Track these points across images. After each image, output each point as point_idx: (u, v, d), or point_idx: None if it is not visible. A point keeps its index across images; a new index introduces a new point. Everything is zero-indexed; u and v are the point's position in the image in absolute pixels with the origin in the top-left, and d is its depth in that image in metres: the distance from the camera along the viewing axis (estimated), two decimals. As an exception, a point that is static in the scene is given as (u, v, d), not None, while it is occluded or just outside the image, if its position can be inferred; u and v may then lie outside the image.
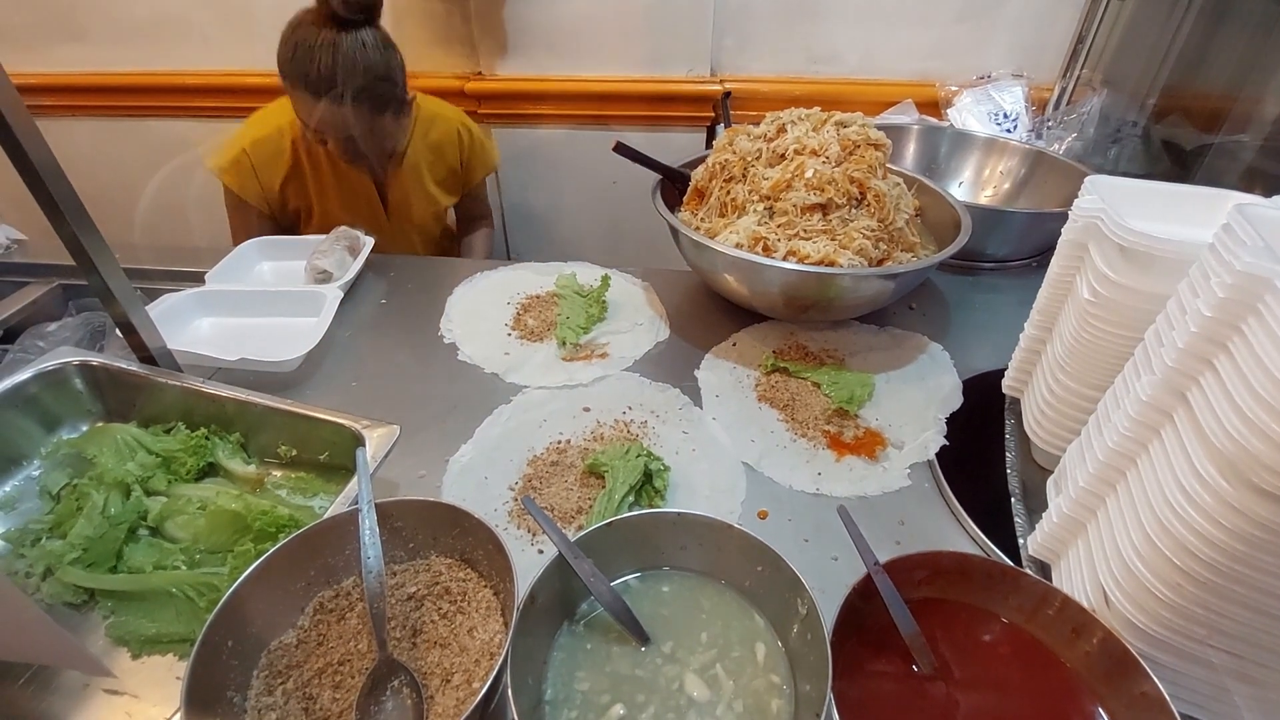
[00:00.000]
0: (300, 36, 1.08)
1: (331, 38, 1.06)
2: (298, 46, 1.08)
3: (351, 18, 1.07)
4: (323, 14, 1.07)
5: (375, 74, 1.11)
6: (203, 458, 0.74)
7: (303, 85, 1.10)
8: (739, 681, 0.52)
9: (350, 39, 1.07)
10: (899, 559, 0.54)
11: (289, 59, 1.10)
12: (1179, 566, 0.45)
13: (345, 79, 1.07)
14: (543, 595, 0.53)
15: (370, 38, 1.10)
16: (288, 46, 1.10)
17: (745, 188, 0.92)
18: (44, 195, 0.66)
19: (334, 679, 0.54)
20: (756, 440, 0.81)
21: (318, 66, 1.06)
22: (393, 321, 1.02)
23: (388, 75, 1.14)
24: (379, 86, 1.13)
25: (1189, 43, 1.37)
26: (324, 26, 1.06)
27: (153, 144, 1.83)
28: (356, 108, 1.12)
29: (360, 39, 1.08)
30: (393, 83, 1.16)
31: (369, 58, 1.09)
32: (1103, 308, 0.63)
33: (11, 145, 0.63)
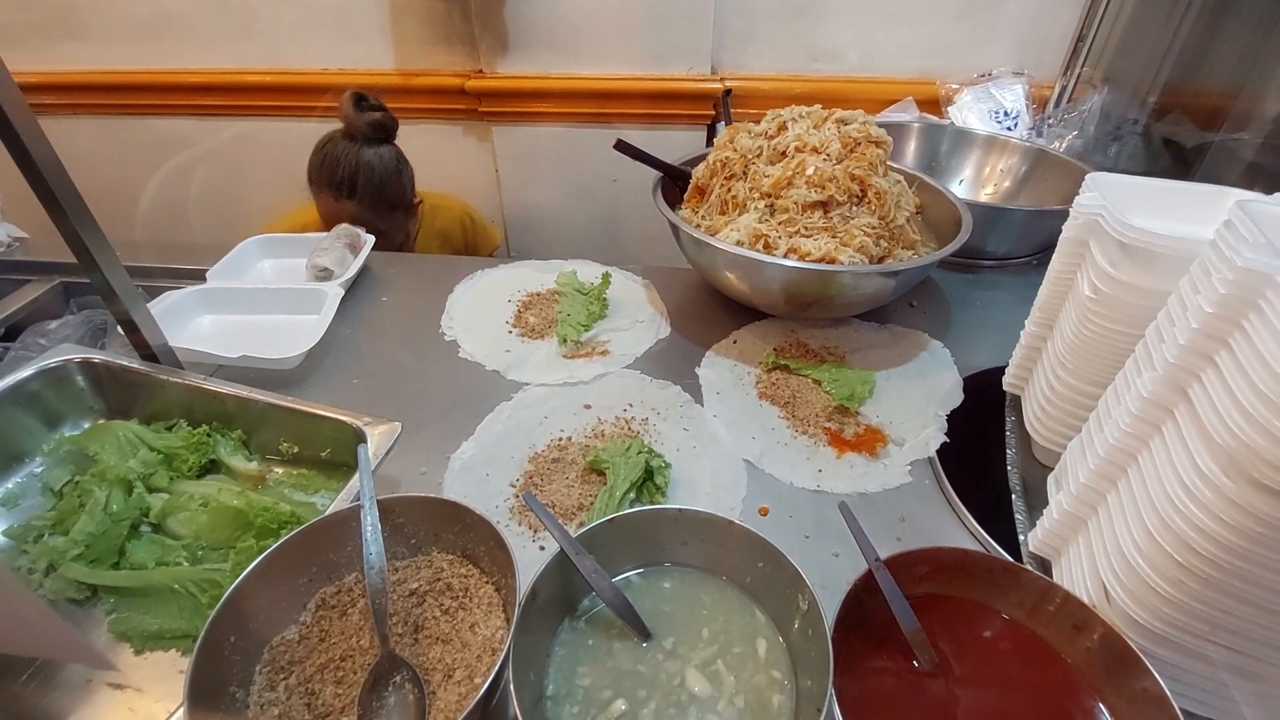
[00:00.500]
0: (329, 149, 1.31)
1: (355, 151, 1.30)
2: (326, 156, 1.31)
3: (373, 136, 1.31)
4: (348, 133, 1.31)
5: (388, 182, 1.34)
6: (204, 455, 0.74)
7: (328, 187, 1.31)
8: (740, 677, 0.52)
9: (371, 153, 1.31)
10: (900, 555, 0.54)
11: (318, 166, 1.31)
12: (1180, 562, 0.45)
13: (363, 184, 1.30)
14: (544, 591, 0.53)
15: (387, 153, 1.34)
16: (318, 156, 1.32)
17: (746, 185, 0.92)
18: (46, 193, 0.66)
19: (336, 674, 0.54)
20: (757, 437, 0.81)
21: (342, 173, 1.29)
22: (394, 319, 1.02)
23: (398, 183, 1.37)
24: (390, 192, 1.35)
25: (1189, 41, 1.37)
26: (349, 142, 1.30)
27: (153, 142, 1.83)
28: (373, 207, 1.32)
29: (379, 153, 1.32)
30: (402, 189, 1.39)
31: (385, 168, 1.33)
32: (1104, 304, 0.63)
33: (14, 143, 0.63)
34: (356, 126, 1.29)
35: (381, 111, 1.32)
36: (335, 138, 1.32)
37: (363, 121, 1.29)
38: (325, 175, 1.30)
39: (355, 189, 1.29)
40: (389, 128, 1.34)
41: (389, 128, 1.34)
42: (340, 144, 1.30)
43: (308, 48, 1.67)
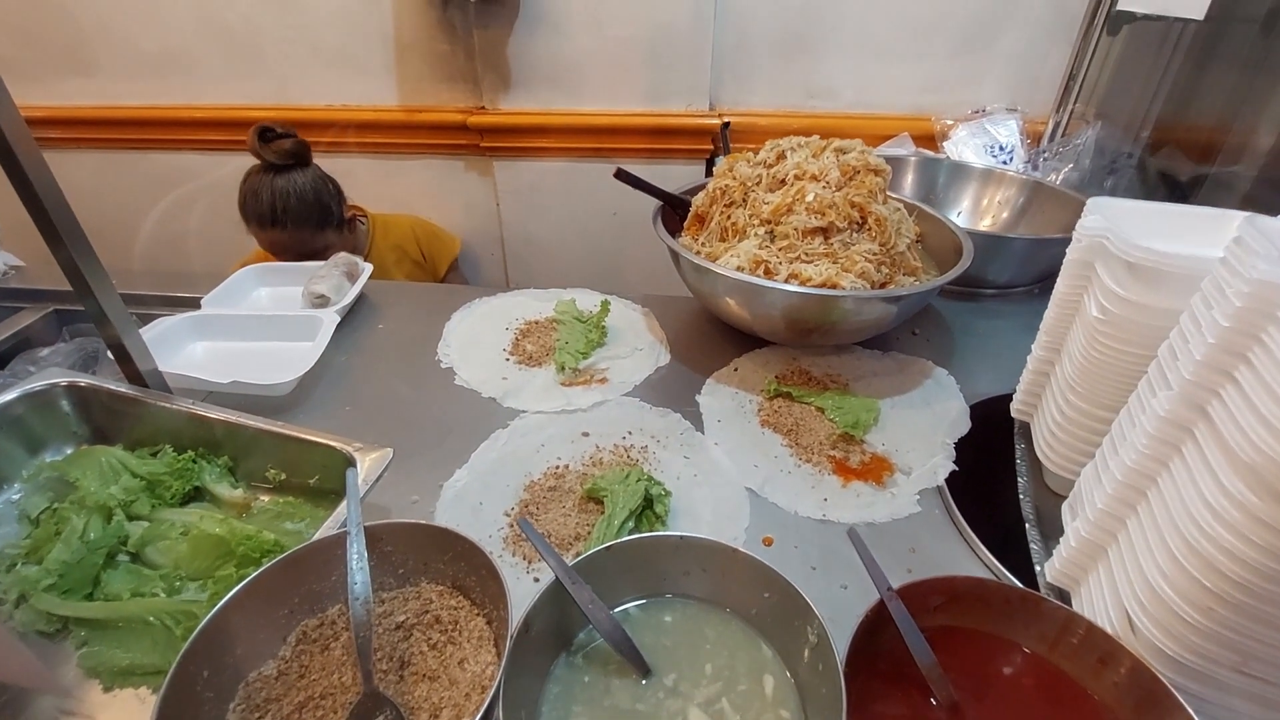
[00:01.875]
0: (248, 185, 1.36)
1: (270, 180, 1.34)
2: (247, 191, 1.35)
3: (282, 164, 1.35)
4: (261, 166, 1.36)
5: (307, 202, 1.36)
6: (189, 481, 0.71)
7: (254, 221, 1.36)
8: (746, 716, 0.49)
9: (283, 180, 1.35)
10: (913, 584, 0.51)
11: (242, 204, 1.36)
12: (1208, 588, 0.43)
13: (283, 210, 1.34)
14: (538, 623, 0.50)
15: (300, 177, 1.37)
16: (240, 194, 1.36)
17: (746, 212, 0.92)
18: (43, 219, 0.66)
19: (315, 713, 0.51)
20: (760, 466, 0.78)
21: (264, 204, 1.34)
22: (390, 346, 1.01)
23: (320, 203, 1.39)
24: (314, 211, 1.38)
25: (1179, 78, 1.39)
26: (264, 174, 1.35)
27: (154, 176, 1.85)
28: (298, 231, 1.36)
29: (292, 179, 1.35)
30: (326, 208, 1.41)
31: (301, 191, 1.36)
32: (1112, 325, 0.62)
33: (15, 172, 0.63)
34: (265, 158, 1.34)
35: (290, 138, 1.36)
36: (253, 172, 1.37)
37: (270, 152, 1.33)
38: (250, 209, 1.35)
39: (277, 216, 1.33)
40: (298, 153, 1.37)
41: (298, 153, 1.37)
42: (258, 177, 1.35)
43: (313, 85, 1.70)
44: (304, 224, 1.36)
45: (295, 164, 1.37)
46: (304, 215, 1.36)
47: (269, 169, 1.35)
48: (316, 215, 1.38)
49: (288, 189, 1.34)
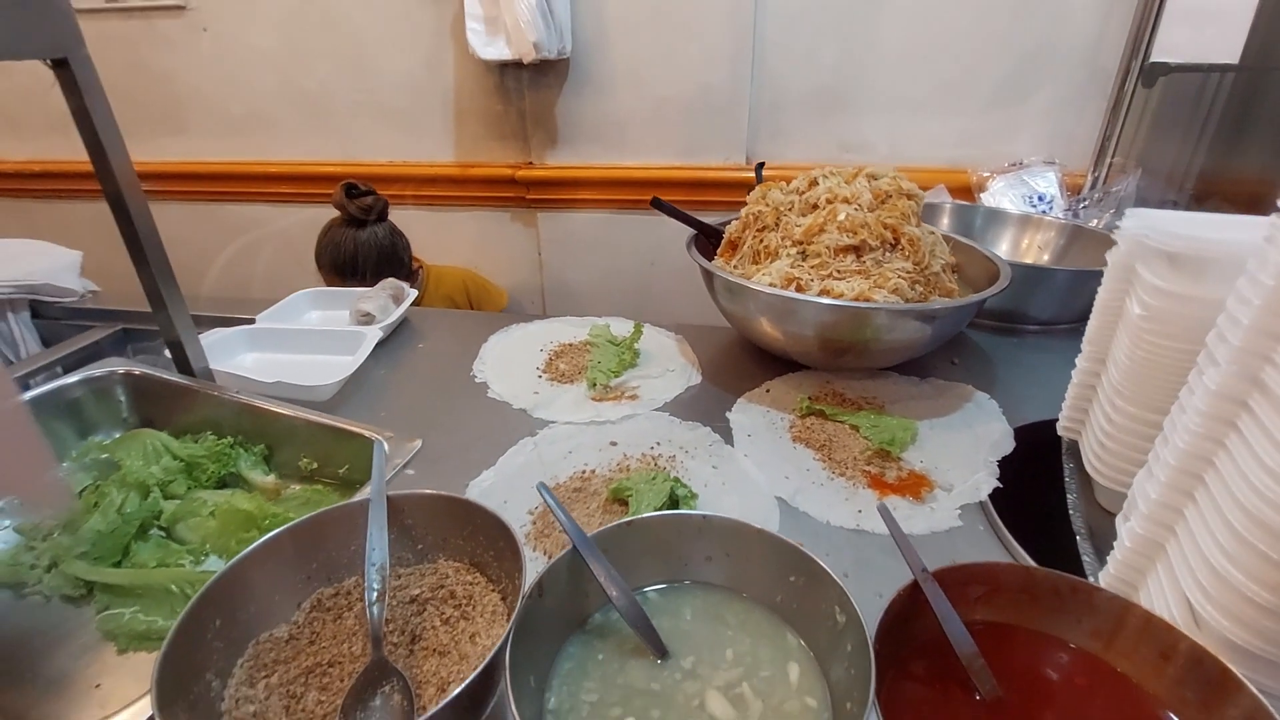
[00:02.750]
0: (330, 235, 1.49)
1: (352, 234, 1.47)
2: (329, 243, 1.48)
3: (365, 219, 1.48)
4: (343, 220, 1.49)
5: (385, 255, 1.50)
6: (225, 465, 0.73)
7: (333, 270, 1.48)
8: (769, 702, 0.46)
9: (366, 233, 1.48)
10: (951, 568, 0.48)
11: (320, 254, 1.49)
12: (1277, 561, 0.39)
13: (363, 259, 1.47)
14: (552, 593, 0.49)
15: (381, 230, 1.51)
16: (321, 243, 1.49)
17: (778, 235, 0.94)
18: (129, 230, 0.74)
19: (321, 680, 0.50)
20: (791, 477, 0.76)
21: (344, 255, 1.46)
22: (428, 363, 1.04)
23: (394, 254, 1.53)
24: (390, 262, 1.51)
25: (1221, 129, 1.39)
26: (346, 227, 1.48)
27: (229, 225, 1.99)
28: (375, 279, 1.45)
29: (373, 232, 1.49)
30: (399, 259, 1.54)
31: (380, 245, 1.50)
32: (1156, 321, 0.60)
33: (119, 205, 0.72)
34: (349, 212, 1.45)
35: (371, 195, 1.48)
36: (334, 224, 1.49)
37: (354, 207, 1.45)
38: (329, 259, 1.46)
39: (357, 267, 1.44)
40: (378, 209, 1.49)
41: (378, 209, 1.49)
42: (338, 230, 1.47)
43: (378, 142, 1.84)
44: (380, 275, 1.45)
45: (375, 219, 1.50)
46: (381, 267, 1.48)
47: (350, 223, 1.47)
48: (391, 267, 1.50)
49: (370, 242, 1.48)
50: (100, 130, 0.68)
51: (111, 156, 0.69)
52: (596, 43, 1.61)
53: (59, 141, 1.98)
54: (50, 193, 2.07)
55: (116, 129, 0.72)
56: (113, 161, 0.69)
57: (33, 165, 2.03)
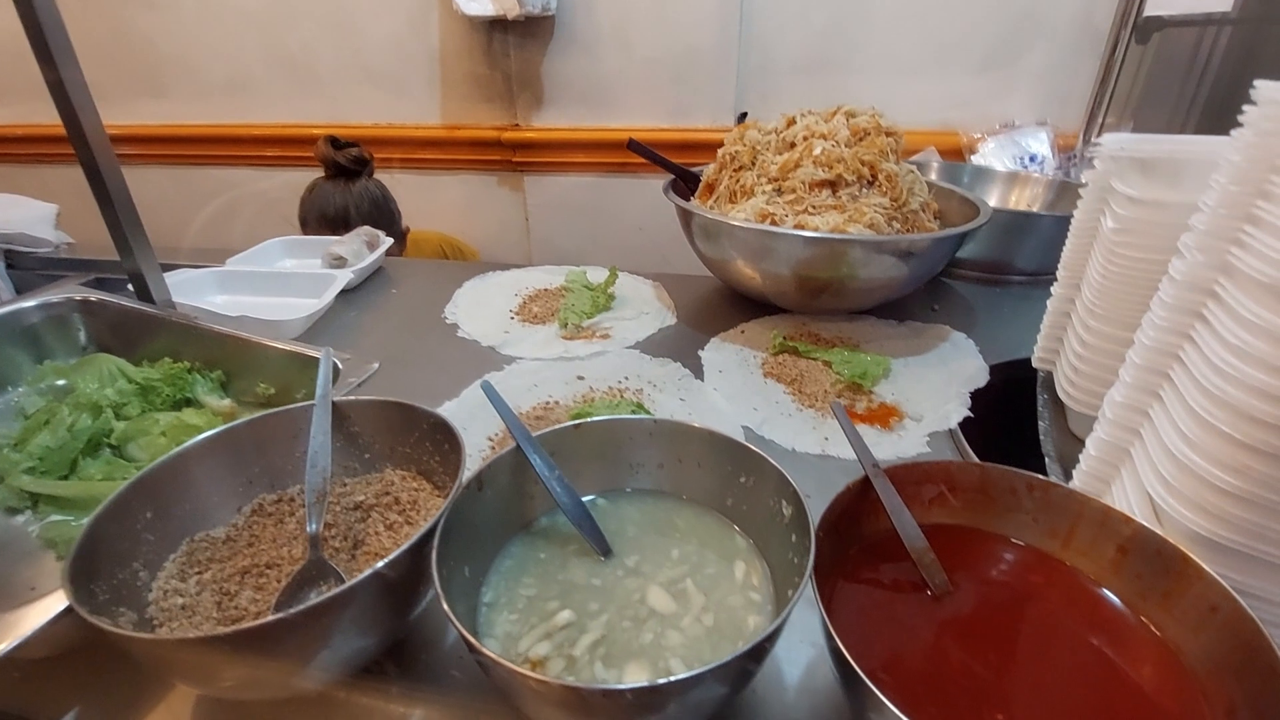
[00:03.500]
0: (317, 191, 1.42)
1: (343, 186, 1.40)
2: (317, 198, 1.41)
3: (353, 169, 1.41)
4: (329, 173, 1.42)
5: (379, 206, 1.43)
6: (181, 390, 0.72)
7: (323, 223, 1.40)
8: (712, 596, 0.44)
9: (358, 186, 1.42)
10: (904, 465, 0.47)
11: (311, 207, 1.42)
12: (1242, 441, 0.38)
13: (355, 209, 1.40)
14: (493, 488, 0.47)
15: (372, 184, 1.45)
16: (308, 199, 1.42)
17: (755, 174, 0.92)
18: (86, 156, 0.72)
19: (258, 581, 0.48)
20: (760, 409, 0.75)
21: (333, 204, 1.39)
22: (400, 307, 1.02)
23: (387, 209, 1.46)
24: (382, 215, 1.44)
25: (1217, 84, 1.36)
26: (333, 181, 1.41)
27: (209, 190, 1.97)
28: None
29: (364, 185, 1.43)
30: (392, 216, 1.48)
31: (373, 197, 1.43)
32: (1128, 233, 0.58)
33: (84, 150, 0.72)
34: (338, 163, 1.39)
35: (357, 147, 1.43)
36: (319, 182, 1.43)
37: (343, 157, 1.39)
38: (318, 211, 1.39)
39: (350, 219, 1.37)
40: (366, 160, 1.44)
41: (366, 160, 1.44)
42: (326, 185, 1.41)
43: (362, 104, 1.81)
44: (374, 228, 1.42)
45: (363, 171, 1.45)
46: (375, 219, 1.42)
47: (338, 176, 1.42)
48: (385, 221, 1.45)
49: (362, 194, 1.42)
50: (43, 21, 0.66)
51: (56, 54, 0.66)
52: (582, 1, 1.59)
53: (40, 106, 1.96)
54: (33, 157, 2.04)
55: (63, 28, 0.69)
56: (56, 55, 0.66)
57: (15, 129, 2.01)
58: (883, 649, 0.39)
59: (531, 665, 0.40)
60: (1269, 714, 0.33)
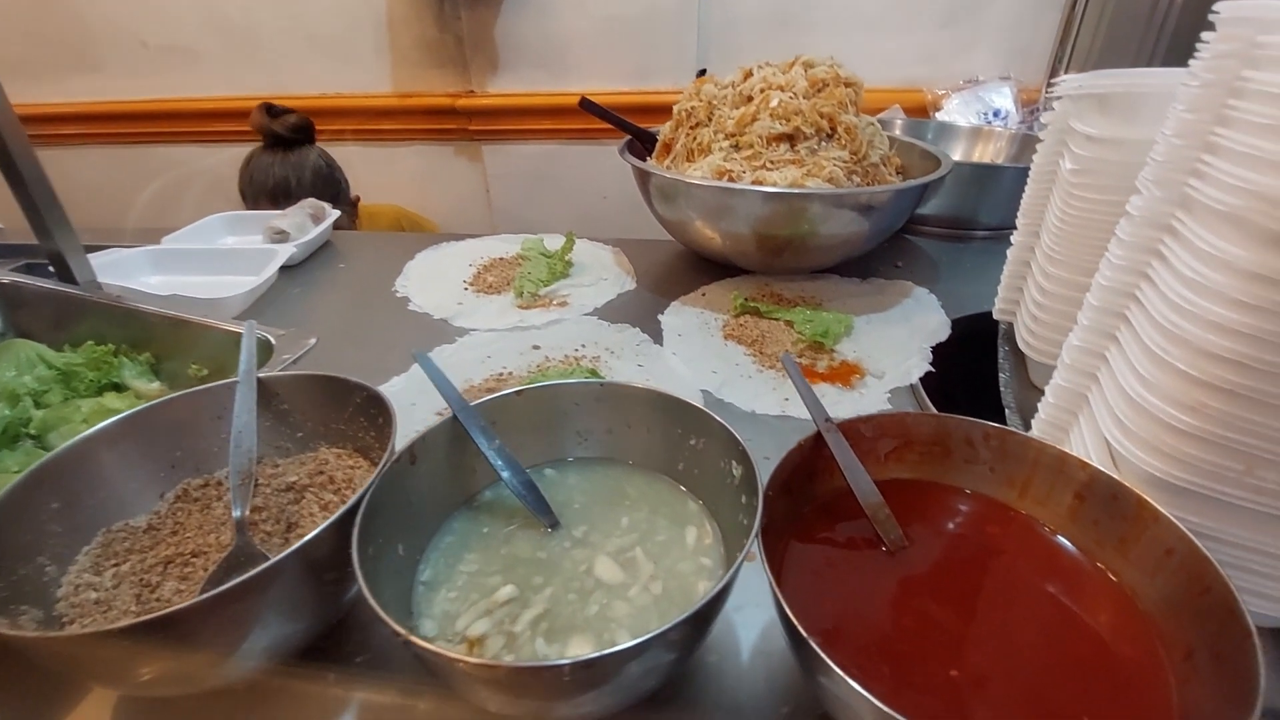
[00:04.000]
0: (256, 162, 1.34)
1: (280, 156, 1.33)
2: (254, 170, 1.33)
3: (293, 138, 1.34)
4: (268, 142, 1.34)
5: (320, 174, 1.35)
6: (106, 374, 0.67)
7: (264, 195, 1.33)
8: (661, 564, 0.42)
9: (296, 154, 1.34)
10: (858, 419, 0.45)
11: (249, 181, 1.34)
12: (1196, 378, 0.36)
13: (298, 179, 1.32)
14: (428, 462, 0.45)
15: (313, 153, 1.37)
16: (245, 173, 1.35)
17: (711, 130, 0.89)
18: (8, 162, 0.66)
19: (182, 570, 0.45)
20: (719, 372, 0.72)
21: (273, 175, 1.31)
22: (348, 282, 0.98)
23: (332, 180, 1.37)
24: (328, 184, 1.37)
25: (1175, 40, 1.35)
26: (272, 151, 1.33)
27: (153, 170, 1.88)
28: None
29: (304, 153, 1.35)
30: (338, 184, 1.40)
31: (315, 165, 1.36)
32: (1087, 174, 0.56)
33: None
34: (275, 132, 1.32)
35: (295, 113, 1.35)
36: (256, 153, 1.35)
37: (280, 125, 1.32)
38: (257, 187, 1.32)
39: (292, 190, 1.31)
40: (306, 128, 1.37)
41: (306, 128, 1.37)
42: (266, 154, 1.34)
43: (307, 73, 1.73)
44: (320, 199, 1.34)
45: (303, 139, 1.37)
46: (319, 190, 1.35)
47: (276, 146, 1.34)
48: (330, 191, 1.38)
49: (302, 164, 1.35)
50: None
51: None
52: (535, -44, 1.53)
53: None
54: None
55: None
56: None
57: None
58: (835, 608, 0.38)
59: (469, 644, 0.38)
60: (1226, 655, 0.32)
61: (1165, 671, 0.34)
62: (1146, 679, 0.34)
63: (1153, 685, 0.34)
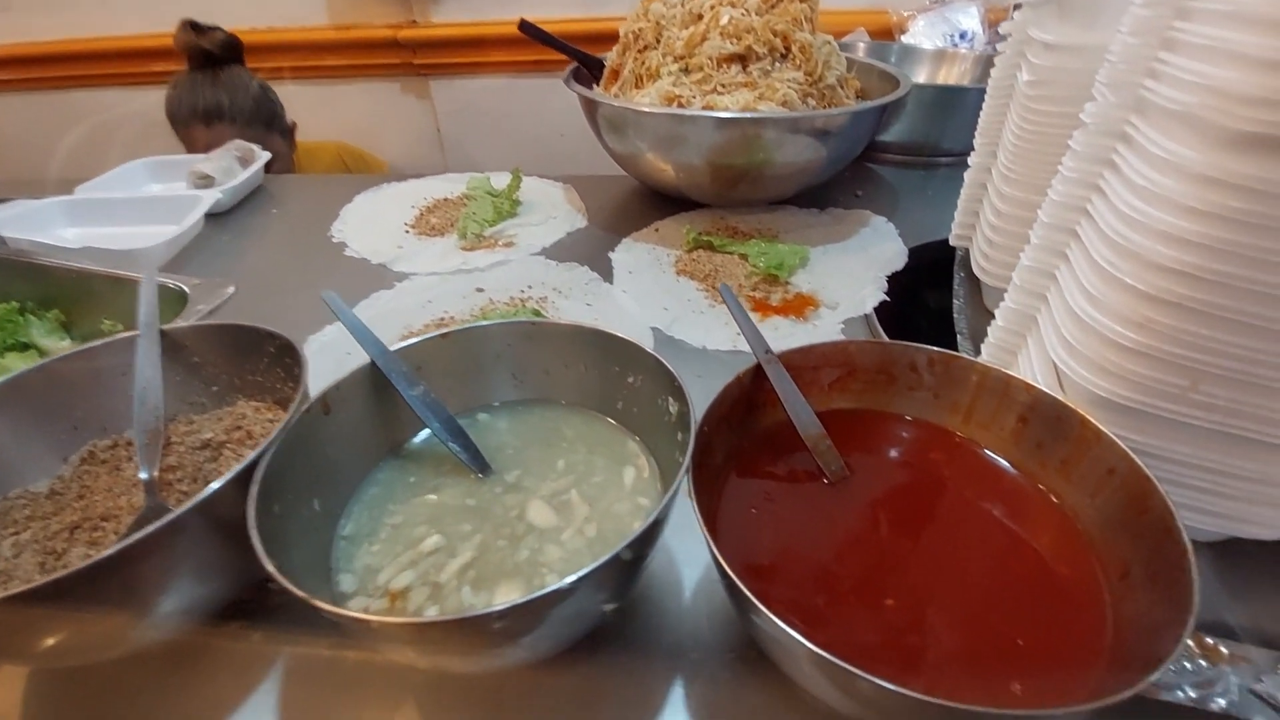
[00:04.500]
0: (184, 83, 1.23)
1: (210, 76, 1.22)
2: (183, 90, 1.23)
3: (222, 55, 1.24)
4: (196, 63, 1.23)
5: (254, 95, 1.25)
6: (11, 334, 0.63)
7: (195, 118, 1.22)
8: (597, 506, 0.41)
9: (226, 72, 1.24)
10: (799, 349, 0.43)
11: (177, 102, 1.23)
12: (1145, 293, 0.34)
13: (231, 100, 1.22)
14: (345, 412, 0.42)
15: (244, 73, 1.27)
16: (174, 94, 1.24)
17: (660, 53, 0.83)
18: None
19: (91, 535, 0.42)
20: (670, 308, 0.70)
21: (203, 96, 1.21)
22: (281, 228, 0.92)
23: (267, 97, 1.28)
24: (264, 107, 1.26)
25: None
26: (200, 70, 1.23)
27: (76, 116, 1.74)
28: (247, 129, 1.22)
29: (235, 71, 1.25)
30: (273, 106, 1.30)
31: (248, 83, 1.25)
32: (1044, 85, 0.53)
33: None
34: (203, 49, 1.22)
35: (221, 30, 1.26)
36: (183, 75, 1.25)
37: (208, 41, 1.22)
38: (188, 106, 1.22)
39: (224, 110, 1.21)
40: (235, 45, 1.27)
41: (235, 45, 1.27)
42: (194, 75, 1.23)
43: (237, 5, 1.60)
44: (254, 121, 1.25)
45: (234, 58, 1.27)
46: (253, 111, 1.25)
47: (206, 65, 1.23)
48: (265, 114, 1.28)
49: (233, 82, 1.24)
50: None
51: None
52: None
53: None
54: None
55: None
56: None
57: None
58: (773, 543, 0.37)
59: (391, 598, 0.36)
60: (1161, 573, 0.31)
61: (1101, 590, 0.33)
62: (1082, 599, 0.33)
63: (1088, 604, 0.33)
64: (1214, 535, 0.41)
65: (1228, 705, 0.31)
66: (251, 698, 0.38)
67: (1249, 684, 0.32)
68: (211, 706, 0.38)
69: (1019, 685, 0.29)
